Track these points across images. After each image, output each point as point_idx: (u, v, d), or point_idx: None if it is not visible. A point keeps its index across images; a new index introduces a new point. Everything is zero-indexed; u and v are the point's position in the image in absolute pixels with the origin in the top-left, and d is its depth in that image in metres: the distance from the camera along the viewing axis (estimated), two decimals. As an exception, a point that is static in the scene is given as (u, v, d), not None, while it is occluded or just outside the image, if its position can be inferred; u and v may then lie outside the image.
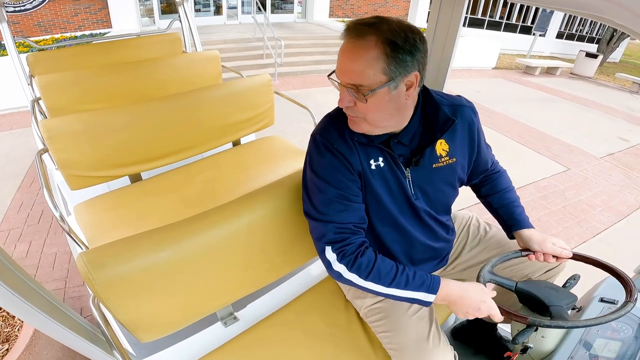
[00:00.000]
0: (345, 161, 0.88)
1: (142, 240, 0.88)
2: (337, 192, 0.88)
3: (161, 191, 1.73)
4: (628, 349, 0.89)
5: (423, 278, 0.87)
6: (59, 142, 1.47)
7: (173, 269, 0.90)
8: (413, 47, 0.76)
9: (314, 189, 0.91)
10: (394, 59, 0.75)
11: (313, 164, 0.91)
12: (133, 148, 1.68)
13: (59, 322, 0.70)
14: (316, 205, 0.90)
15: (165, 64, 2.40)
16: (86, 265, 0.79)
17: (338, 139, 0.88)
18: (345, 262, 0.87)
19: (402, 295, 0.87)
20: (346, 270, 0.87)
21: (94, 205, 1.61)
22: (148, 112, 1.70)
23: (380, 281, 0.86)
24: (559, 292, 0.92)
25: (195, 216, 0.97)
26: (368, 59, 0.75)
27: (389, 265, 0.88)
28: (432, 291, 0.86)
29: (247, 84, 2.03)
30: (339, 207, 0.88)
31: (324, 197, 0.89)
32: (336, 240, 0.88)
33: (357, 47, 0.76)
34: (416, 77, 0.80)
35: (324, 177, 0.88)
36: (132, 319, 0.89)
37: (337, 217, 0.88)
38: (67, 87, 2.07)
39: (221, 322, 1.21)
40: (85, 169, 1.57)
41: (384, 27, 0.75)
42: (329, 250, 0.89)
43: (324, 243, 0.89)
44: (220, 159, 2.03)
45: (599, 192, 3.74)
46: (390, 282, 0.86)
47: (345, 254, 0.87)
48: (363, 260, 0.87)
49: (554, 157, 4.53)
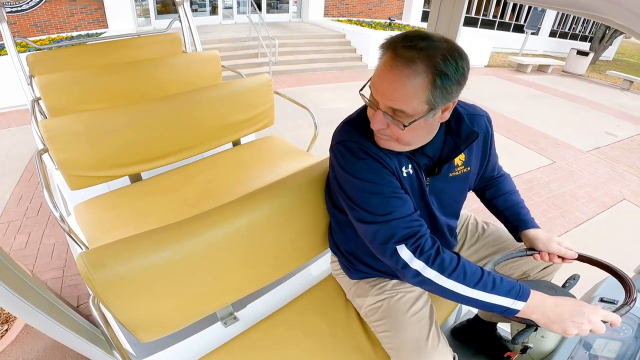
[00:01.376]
0: (384, 163, 0.85)
1: (142, 240, 0.88)
2: (390, 189, 0.84)
3: (161, 191, 1.73)
4: (628, 348, 0.88)
5: (511, 284, 0.79)
6: (59, 142, 1.48)
7: (173, 269, 0.90)
8: (461, 76, 0.74)
9: (363, 194, 0.84)
10: (441, 90, 0.73)
11: (353, 170, 0.85)
12: (133, 148, 1.69)
13: (59, 322, 0.71)
14: (371, 208, 0.83)
15: (165, 64, 2.42)
16: (86, 265, 0.79)
17: (371, 145, 0.86)
18: (424, 258, 0.80)
19: (486, 300, 0.78)
20: (426, 267, 0.79)
21: (94, 205, 1.62)
22: (148, 112, 1.72)
23: (464, 281, 0.78)
24: (557, 292, 0.91)
25: (195, 216, 0.97)
26: (414, 89, 0.72)
27: (474, 265, 0.81)
28: (521, 298, 0.78)
29: (247, 84, 2.04)
30: (397, 203, 0.83)
31: (378, 197, 0.83)
32: (408, 235, 0.81)
33: (404, 74, 0.71)
34: (454, 102, 0.80)
35: (371, 179, 0.84)
36: (132, 319, 0.89)
37: (401, 212, 0.82)
38: (67, 87, 2.08)
39: (221, 322, 1.22)
40: (85, 169, 1.58)
41: (435, 53, 0.70)
42: (403, 249, 0.81)
43: (394, 243, 0.81)
44: (220, 159, 2.04)
45: (584, 184, 3.85)
46: (476, 283, 0.78)
47: (422, 248, 0.80)
48: (445, 256, 0.80)
49: (540, 151, 4.64)
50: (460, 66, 0.72)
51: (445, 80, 0.72)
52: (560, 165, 4.29)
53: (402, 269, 0.82)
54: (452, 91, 0.74)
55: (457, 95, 0.77)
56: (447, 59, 0.71)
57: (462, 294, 0.79)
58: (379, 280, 1.12)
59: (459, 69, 0.72)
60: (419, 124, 0.78)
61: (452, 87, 0.74)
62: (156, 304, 0.92)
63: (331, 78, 7.34)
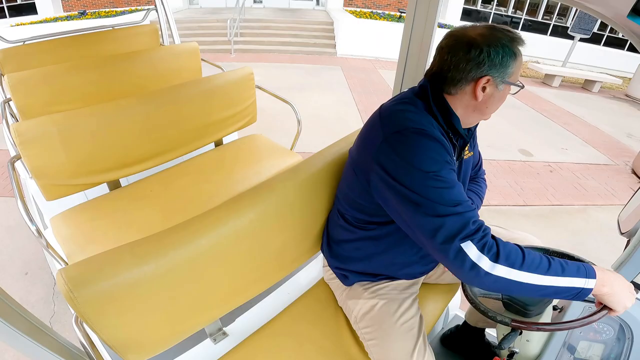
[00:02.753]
0: (447, 148, 0.84)
1: (124, 253, 0.84)
2: (454, 177, 0.82)
3: (142, 198, 1.67)
4: (611, 351, 0.87)
5: (575, 262, 0.77)
6: (32, 147, 1.40)
7: (157, 283, 0.87)
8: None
9: (435, 185, 0.78)
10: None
11: (420, 158, 0.79)
12: (110, 151, 1.62)
13: (42, 344, 0.68)
14: (444, 199, 0.76)
15: (142, 58, 2.32)
16: (66, 283, 0.74)
17: (435, 129, 0.85)
18: (492, 255, 0.73)
19: (562, 284, 0.74)
20: (494, 264, 0.73)
21: (72, 216, 1.54)
22: (125, 111, 1.64)
23: (537, 269, 0.73)
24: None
25: (178, 225, 0.93)
26: None
27: (532, 252, 0.77)
28: (590, 275, 0.75)
29: (228, 78, 1.99)
30: (461, 192, 0.80)
31: (448, 186, 0.78)
32: (475, 230, 0.75)
33: None
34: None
35: (440, 167, 0.79)
36: (118, 338, 0.85)
37: (468, 205, 0.78)
38: (38, 86, 1.98)
39: (210, 339, 1.17)
40: (60, 177, 1.51)
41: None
42: (470, 246, 0.73)
43: (460, 240, 0.74)
44: (203, 161, 1.97)
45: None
46: (547, 269, 0.74)
47: (488, 244, 0.74)
48: (509, 247, 0.75)
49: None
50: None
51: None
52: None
53: (469, 270, 0.73)
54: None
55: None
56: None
57: (537, 284, 0.73)
58: (373, 284, 1.12)
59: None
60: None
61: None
62: (142, 322, 0.88)
63: (289, 59, 7.71)
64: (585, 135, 5.37)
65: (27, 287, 2.11)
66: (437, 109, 0.88)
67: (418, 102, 0.89)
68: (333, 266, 1.17)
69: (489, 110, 0.90)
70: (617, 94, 8.08)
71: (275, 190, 1.08)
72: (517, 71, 0.85)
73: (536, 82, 8.06)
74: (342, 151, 1.20)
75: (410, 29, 1.32)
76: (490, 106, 0.89)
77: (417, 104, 0.89)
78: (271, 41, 8.44)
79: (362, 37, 8.47)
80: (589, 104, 7.01)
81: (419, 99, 0.90)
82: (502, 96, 0.88)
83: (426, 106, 0.89)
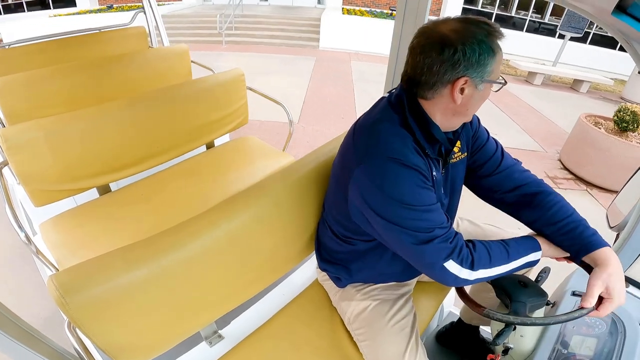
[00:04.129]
0: (424, 172, 0.82)
1: (115, 258, 0.83)
2: (430, 199, 0.81)
3: (132, 202, 1.64)
4: (604, 345, 0.88)
5: (524, 239, 0.88)
6: (19, 153, 1.39)
7: (150, 287, 0.86)
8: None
9: (412, 216, 0.78)
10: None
11: (397, 191, 0.78)
12: (99, 155, 1.60)
13: (35, 351, 0.67)
14: (422, 228, 0.79)
15: (131, 61, 2.30)
16: (58, 289, 0.74)
17: (413, 154, 0.81)
18: (469, 265, 0.80)
19: (521, 263, 0.85)
20: (472, 271, 0.80)
21: (61, 222, 1.52)
22: (114, 114, 1.62)
23: (503, 260, 0.83)
24: (528, 287, 0.90)
25: (170, 229, 0.92)
26: None
27: (493, 244, 0.84)
28: (537, 247, 0.87)
29: (219, 79, 1.98)
30: (436, 214, 0.81)
31: (428, 215, 0.79)
32: (452, 249, 0.79)
33: None
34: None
35: (415, 199, 0.79)
36: (112, 343, 0.84)
37: (443, 225, 0.80)
38: (24, 90, 1.95)
39: (206, 342, 1.17)
40: (49, 183, 1.49)
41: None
42: (451, 264, 0.79)
43: (443, 260, 0.79)
44: (194, 164, 1.95)
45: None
46: (509, 256, 0.84)
47: (465, 257, 0.80)
48: (479, 251, 0.81)
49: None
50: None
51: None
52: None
53: (453, 281, 0.81)
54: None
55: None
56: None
57: (507, 270, 0.84)
58: (366, 285, 1.12)
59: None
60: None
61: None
62: (136, 326, 0.88)
63: (273, 50, 8.56)
64: (528, 125, 5.33)
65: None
66: (414, 121, 0.83)
67: (393, 115, 0.84)
68: (324, 269, 1.17)
69: (470, 112, 0.84)
70: (609, 95, 7.78)
71: (267, 192, 1.08)
72: (497, 68, 0.79)
73: (518, 80, 7.88)
74: (334, 151, 1.20)
75: (401, 26, 1.32)
76: (471, 108, 0.83)
77: (392, 118, 0.84)
78: (262, 34, 9.33)
79: (346, 32, 9.09)
80: (565, 102, 6.79)
81: (394, 112, 0.85)
82: (482, 96, 0.82)
83: (402, 120, 0.83)
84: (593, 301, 0.77)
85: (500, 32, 0.77)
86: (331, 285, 1.19)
